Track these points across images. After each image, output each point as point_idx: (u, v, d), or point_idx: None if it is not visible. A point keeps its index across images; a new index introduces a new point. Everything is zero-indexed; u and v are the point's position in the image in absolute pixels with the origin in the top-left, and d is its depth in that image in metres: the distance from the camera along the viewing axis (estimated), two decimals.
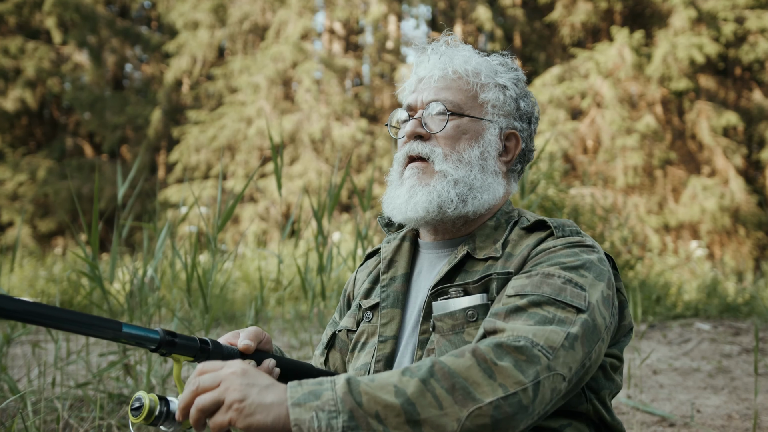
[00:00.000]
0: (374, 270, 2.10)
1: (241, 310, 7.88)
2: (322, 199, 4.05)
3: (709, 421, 4.18)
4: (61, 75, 24.19)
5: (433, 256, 1.95)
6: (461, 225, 1.92)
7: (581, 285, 1.63)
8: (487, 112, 1.93)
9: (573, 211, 8.38)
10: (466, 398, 1.37)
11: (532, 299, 1.59)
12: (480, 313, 1.73)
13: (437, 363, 1.41)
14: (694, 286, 10.13)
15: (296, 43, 22.28)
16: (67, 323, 1.38)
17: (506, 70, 1.99)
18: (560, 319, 1.55)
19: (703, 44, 20.17)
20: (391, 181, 1.99)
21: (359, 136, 21.85)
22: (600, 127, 21.31)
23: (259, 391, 1.35)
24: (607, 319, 1.65)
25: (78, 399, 3.88)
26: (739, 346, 6.53)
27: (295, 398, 1.34)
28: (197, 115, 22.98)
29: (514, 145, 1.98)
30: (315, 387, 1.37)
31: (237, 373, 1.38)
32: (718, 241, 21.11)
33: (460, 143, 1.88)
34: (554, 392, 1.47)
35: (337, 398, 1.34)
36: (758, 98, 22.16)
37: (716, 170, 21.57)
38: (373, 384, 1.37)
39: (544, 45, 25.44)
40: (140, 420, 1.47)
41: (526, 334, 1.48)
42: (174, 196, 21.35)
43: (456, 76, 1.93)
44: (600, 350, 1.62)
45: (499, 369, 1.40)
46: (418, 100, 1.94)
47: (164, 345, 1.53)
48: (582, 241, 1.77)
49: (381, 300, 1.93)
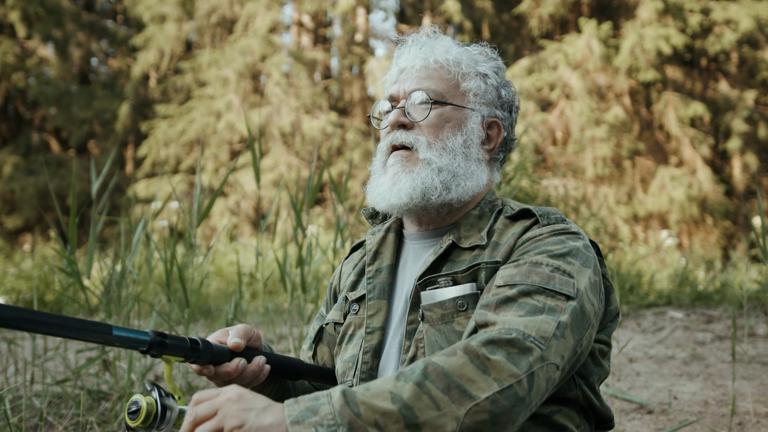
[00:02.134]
0: (360, 262, 2.09)
1: (215, 304, 7.84)
2: (297, 192, 4.03)
3: (687, 408, 4.23)
4: (26, 69, 23.83)
5: (418, 247, 1.95)
6: (445, 214, 1.92)
7: (569, 272, 1.63)
8: (469, 100, 1.93)
9: (545, 203, 8.42)
10: (462, 396, 1.37)
11: (521, 289, 1.59)
12: (469, 302, 1.73)
13: (430, 364, 1.41)
14: (665, 275, 10.24)
15: (265, 36, 22.17)
16: (57, 328, 1.37)
17: (486, 59, 2.00)
18: (550, 307, 1.55)
19: (670, 35, 20.36)
20: (375, 171, 1.99)
21: (329, 129, 21.80)
22: (569, 118, 21.45)
23: (256, 414, 1.34)
24: (595, 306, 1.66)
25: (56, 396, 3.84)
26: (712, 334, 6.61)
27: (293, 416, 1.33)
28: (166, 110, 22.79)
29: (496, 133, 1.99)
30: (312, 403, 1.36)
31: (233, 399, 1.37)
32: (686, 231, 21.35)
33: (443, 131, 1.88)
34: (549, 382, 1.47)
35: (335, 411, 1.33)
36: (724, 89, 22.41)
37: (684, 160, 21.80)
38: (369, 393, 1.37)
39: (512, 37, 25.52)
40: (138, 423, 1.47)
41: (517, 326, 1.48)
42: (143, 191, 21.17)
43: (437, 66, 1.93)
44: (590, 337, 1.63)
45: (492, 363, 1.40)
46: (400, 90, 1.94)
47: (155, 346, 1.52)
48: (567, 228, 1.77)
49: (367, 292, 1.93)
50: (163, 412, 1.50)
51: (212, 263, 10.62)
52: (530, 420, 1.66)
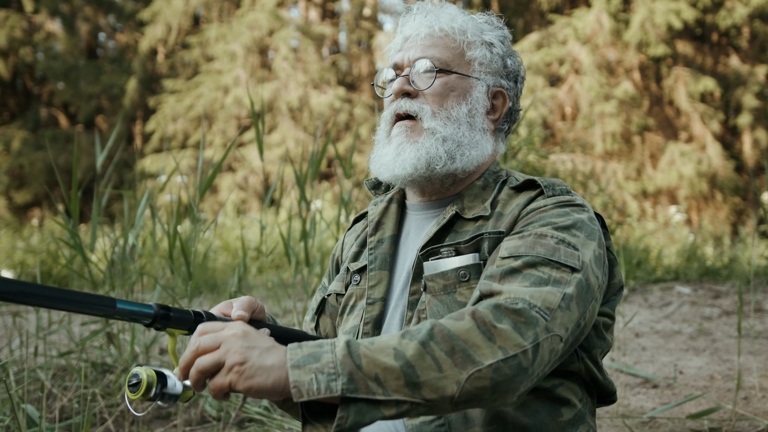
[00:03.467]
0: (362, 233, 2.07)
1: (222, 278, 7.86)
2: (303, 166, 4.01)
3: (692, 382, 4.22)
4: (33, 44, 23.82)
5: (421, 217, 1.93)
6: (450, 184, 1.90)
7: (574, 245, 1.62)
8: (475, 69, 1.91)
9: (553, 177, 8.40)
10: (465, 361, 1.35)
11: (526, 260, 1.57)
12: (472, 272, 1.71)
13: (437, 325, 1.40)
14: (673, 250, 10.21)
15: (272, 11, 22.08)
16: (61, 302, 1.35)
17: (492, 28, 1.97)
18: (555, 279, 1.53)
19: (681, 10, 20.17)
20: (379, 140, 1.96)
21: (337, 104, 21.75)
22: (578, 93, 21.33)
23: (259, 353, 1.34)
24: (599, 279, 1.64)
25: (61, 368, 3.86)
26: (719, 309, 6.59)
27: (295, 360, 1.33)
28: (173, 84, 22.77)
29: (502, 103, 1.96)
30: (315, 349, 1.35)
31: (238, 335, 1.37)
32: (695, 207, 21.28)
33: (448, 100, 1.86)
34: (552, 353, 1.46)
35: (336, 360, 1.33)
36: (735, 64, 22.22)
37: (693, 136, 21.68)
38: (373, 347, 1.36)
39: (521, 11, 25.33)
40: (138, 396, 1.45)
41: (523, 295, 1.46)
42: (151, 165, 21.19)
43: (443, 34, 1.90)
44: (594, 309, 1.61)
45: (499, 332, 1.39)
46: (404, 58, 1.91)
47: (159, 319, 1.51)
48: (572, 200, 1.75)
49: (369, 262, 1.91)
50: (164, 385, 1.47)
51: (219, 238, 10.64)
52: (532, 394, 1.65)
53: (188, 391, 1.50)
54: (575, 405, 1.72)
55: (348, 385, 1.31)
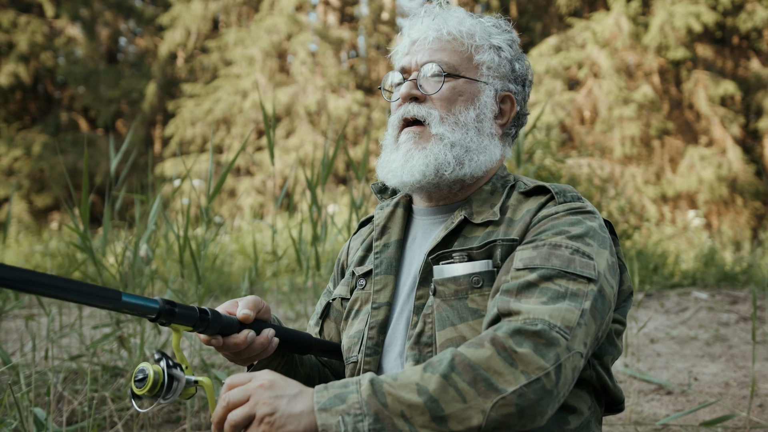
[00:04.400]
0: (368, 238, 2.06)
1: (237, 282, 7.86)
2: (316, 170, 4.01)
3: (707, 389, 4.18)
4: (54, 49, 24.01)
5: (428, 222, 1.92)
6: (457, 190, 1.88)
7: (588, 254, 1.61)
8: (483, 73, 1.89)
9: (570, 181, 8.35)
10: (488, 389, 1.36)
11: (542, 273, 1.56)
12: (485, 279, 1.69)
13: (458, 355, 1.40)
14: (691, 255, 10.13)
15: (291, 15, 22.15)
16: (66, 292, 1.36)
17: (500, 31, 1.95)
18: (572, 292, 1.53)
19: (701, 13, 20.04)
20: (386, 145, 1.95)
21: (355, 108, 21.78)
22: (597, 97, 21.23)
23: (288, 401, 1.37)
24: (614, 287, 1.64)
25: (72, 371, 3.86)
26: (737, 315, 6.53)
27: (321, 403, 1.36)
28: (192, 89, 22.87)
29: (509, 107, 1.94)
30: (340, 390, 1.38)
31: (265, 385, 1.39)
32: (715, 211, 21.11)
33: (456, 105, 1.84)
34: (575, 371, 1.46)
35: (362, 401, 1.35)
36: (756, 67, 22.06)
37: (714, 140, 21.52)
38: (396, 383, 1.38)
39: (540, 15, 25.27)
40: (144, 392, 1.48)
41: (542, 315, 1.46)
42: (170, 169, 21.29)
43: (451, 38, 1.88)
44: (609, 319, 1.62)
45: (520, 356, 1.39)
46: (412, 62, 1.90)
47: (164, 314, 1.52)
48: (583, 207, 1.74)
49: (374, 267, 1.90)
50: (170, 382, 1.50)
51: (236, 241, 10.66)
52: None
53: (190, 388, 1.55)
54: (583, 413, 1.71)
55: (374, 425, 1.34)
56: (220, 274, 8.08)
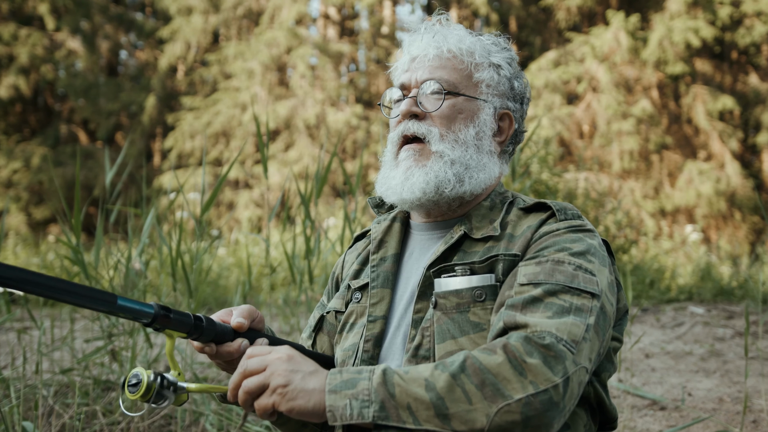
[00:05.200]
0: (363, 252, 2.07)
1: (233, 295, 7.85)
2: (306, 184, 4.01)
3: (701, 405, 4.17)
4: (54, 62, 24.04)
5: (425, 238, 1.93)
6: (456, 207, 1.89)
7: (591, 270, 1.63)
8: (482, 91, 1.91)
9: (567, 196, 8.35)
10: (495, 394, 1.39)
11: (547, 288, 1.58)
12: (487, 293, 1.70)
13: (469, 358, 1.44)
14: (688, 270, 10.12)
15: (291, 29, 22.21)
16: (62, 293, 1.37)
17: (499, 49, 1.97)
18: (577, 307, 1.55)
19: (699, 28, 20.10)
20: (385, 162, 1.96)
21: (354, 121, 21.80)
22: (596, 111, 21.26)
23: (302, 377, 1.43)
24: (614, 305, 1.67)
25: (63, 385, 3.86)
26: (732, 330, 6.52)
27: (333, 385, 1.42)
28: (192, 102, 22.91)
29: (508, 125, 1.96)
30: (353, 375, 1.43)
31: (283, 358, 1.47)
32: (714, 226, 21.11)
33: (456, 123, 1.86)
34: (580, 386, 1.49)
35: (371, 388, 1.40)
36: (754, 82, 22.10)
37: (712, 154, 21.55)
38: (407, 376, 1.42)
39: (539, 29, 25.33)
40: (137, 396, 1.49)
41: (549, 329, 1.48)
42: (168, 182, 21.29)
43: (450, 55, 1.89)
44: (609, 336, 1.65)
45: (529, 366, 1.41)
46: (412, 79, 1.91)
47: (158, 319, 1.53)
48: (583, 225, 1.76)
49: (371, 280, 1.91)
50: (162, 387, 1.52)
51: (233, 255, 10.66)
52: None
53: (182, 395, 1.57)
54: (578, 430, 1.70)
55: (379, 412, 1.39)
56: (216, 287, 8.07)
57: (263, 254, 10.26)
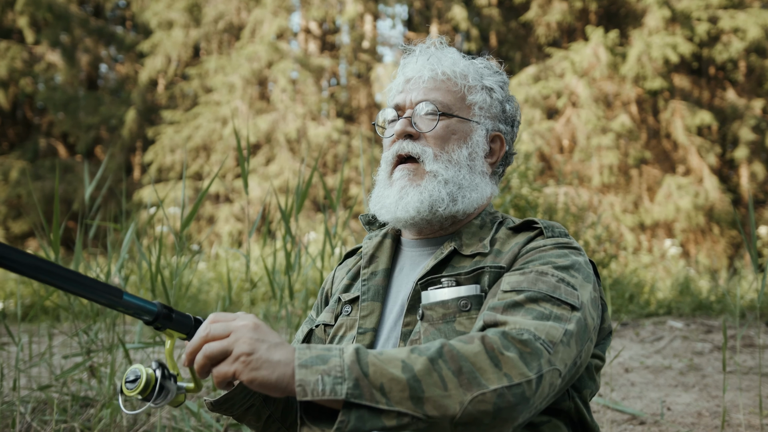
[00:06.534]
0: (354, 267, 2.10)
1: (213, 310, 7.82)
2: (287, 199, 4.00)
3: (679, 419, 4.18)
4: (33, 75, 23.92)
5: (416, 254, 1.96)
6: (448, 225, 1.93)
7: (573, 284, 1.65)
8: (475, 113, 1.95)
9: (547, 210, 8.39)
10: (471, 382, 1.38)
11: (528, 295, 1.60)
12: (473, 303, 1.73)
13: (446, 345, 1.43)
14: (667, 284, 10.18)
15: (272, 43, 22.22)
16: (70, 283, 1.38)
17: (491, 73, 2.02)
18: (556, 315, 1.56)
19: (677, 44, 20.31)
20: (379, 181, 1.99)
21: (335, 135, 21.81)
22: (575, 126, 21.40)
23: (268, 347, 1.37)
24: (595, 320, 1.67)
25: (41, 402, 3.82)
26: (711, 344, 6.56)
27: (303, 360, 1.36)
28: (172, 115, 22.84)
29: (499, 147, 2.01)
30: (323, 352, 1.39)
31: (249, 326, 1.40)
32: (692, 240, 21.27)
33: (449, 144, 1.89)
34: (551, 387, 1.48)
35: (344, 365, 1.36)
36: (732, 97, 22.34)
37: (691, 169, 21.73)
38: (382, 357, 1.39)
39: (519, 44, 25.51)
40: (134, 393, 1.48)
41: (528, 327, 1.49)
42: (148, 197, 21.19)
43: (445, 78, 1.93)
44: (588, 350, 1.64)
45: (506, 359, 1.42)
46: (406, 99, 1.95)
47: (160, 318, 1.54)
48: (570, 243, 1.79)
49: (361, 293, 1.93)
50: (162, 385, 1.51)
51: (213, 269, 10.62)
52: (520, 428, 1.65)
53: (180, 395, 1.56)
54: None
55: (353, 390, 1.34)
56: (196, 301, 8.04)
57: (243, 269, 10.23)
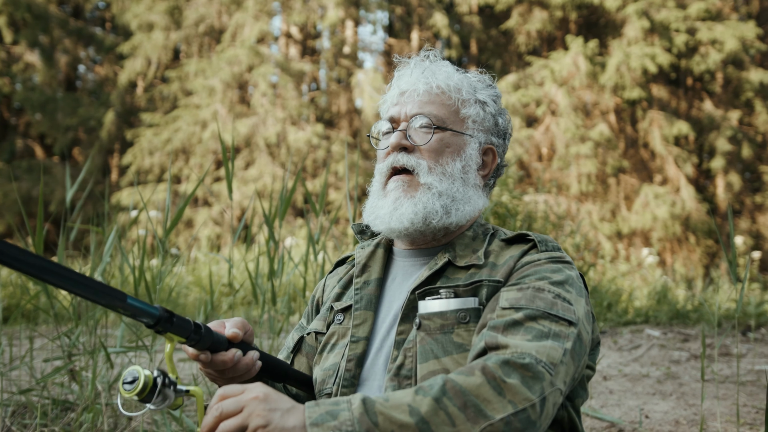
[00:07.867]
0: (345, 276, 2.12)
1: (193, 315, 7.79)
2: (274, 203, 4.01)
3: (657, 427, 4.22)
4: (11, 75, 23.72)
5: (408, 264, 1.98)
6: (441, 236, 1.96)
7: (569, 300, 1.69)
8: (468, 126, 1.97)
9: (526, 218, 8.42)
10: (477, 415, 1.40)
11: (527, 313, 1.63)
12: (471, 315, 1.76)
13: (449, 381, 1.45)
14: (645, 292, 10.24)
15: (252, 47, 22.17)
16: (74, 284, 1.38)
17: (484, 86, 2.05)
18: (555, 333, 1.59)
19: (656, 54, 20.49)
20: (374, 192, 2.02)
21: (315, 140, 21.79)
22: (554, 134, 21.53)
23: (281, 415, 1.38)
24: (589, 334, 1.72)
25: (21, 405, 3.79)
26: (688, 353, 6.61)
27: (313, 418, 1.38)
28: (151, 118, 22.73)
29: (491, 159, 2.04)
30: (332, 407, 1.40)
31: (259, 398, 1.41)
32: (669, 249, 21.43)
33: (443, 156, 1.92)
34: (555, 407, 1.52)
35: (353, 418, 1.37)
36: (709, 108, 22.56)
37: (668, 178, 21.91)
38: (388, 404, 1.41)
39: (500, 52, 25.62)
40: (132, 394, 1.49)
41: (529, 350, 1.52)
42: (126, 199, 21.07)
43: (439, 91, 1.96)
44: (584, 363, 1.69)
45: (508, 386, 1.44)
46: (401, 112, 1.97)
47: (161, 322, 1.55)
48: (562, 257, 1.83)
49: (354, 302, 1.95)
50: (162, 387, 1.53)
51: (192, 273, 10.57)
52: None
53: (178, 399, 1.57)
54: None
55: None
56: (176, 306, 8.00)
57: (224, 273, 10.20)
